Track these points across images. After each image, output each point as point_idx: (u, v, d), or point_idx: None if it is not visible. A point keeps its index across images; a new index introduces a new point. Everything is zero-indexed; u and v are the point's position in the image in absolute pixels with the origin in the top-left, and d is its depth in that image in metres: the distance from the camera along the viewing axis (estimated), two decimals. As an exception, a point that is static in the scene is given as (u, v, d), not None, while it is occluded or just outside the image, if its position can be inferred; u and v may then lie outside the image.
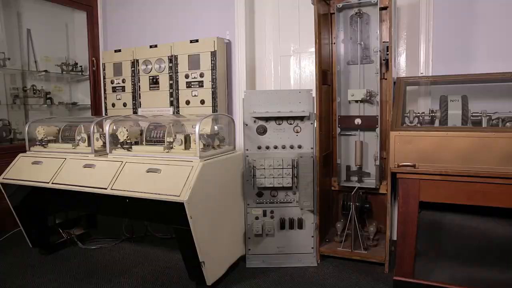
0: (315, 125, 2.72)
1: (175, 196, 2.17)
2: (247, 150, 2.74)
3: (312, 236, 2.77)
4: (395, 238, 2.70)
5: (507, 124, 2.37)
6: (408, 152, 2.28)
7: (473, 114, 2.48)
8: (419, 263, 2.44)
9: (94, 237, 3.40)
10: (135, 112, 3.90)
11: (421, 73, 3.02)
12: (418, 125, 2.57)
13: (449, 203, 2.29)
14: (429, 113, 2.59)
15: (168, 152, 2.55)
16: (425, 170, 2.24)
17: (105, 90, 4.09)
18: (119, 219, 3.61)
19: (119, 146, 2.71)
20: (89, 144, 2.83)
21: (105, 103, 4.11)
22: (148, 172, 2.40)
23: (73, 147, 2.91)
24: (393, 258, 2.68)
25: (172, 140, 2.59)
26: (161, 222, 2.67)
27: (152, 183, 2.33)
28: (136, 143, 2.76)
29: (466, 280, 2.32)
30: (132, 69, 3.88)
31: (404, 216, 2.33)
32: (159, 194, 2.24)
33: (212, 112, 3.48)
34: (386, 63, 2.83)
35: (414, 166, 2.26)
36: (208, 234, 2.35)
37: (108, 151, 2.70)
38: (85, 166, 2.66)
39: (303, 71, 3.60)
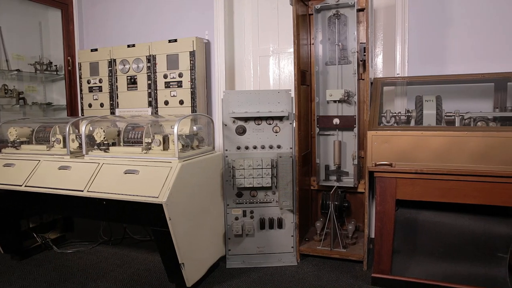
0: (294, 125, 2.74)
1: (154, 197, 2.15)
2: (226, 150, 2.73)
3: (292, 236, 2.78)
4: (373, 236, 2.75)
5: (478, 123, 2.44)
6: (385, 151, 2.32)
7: (447, 114, 2.54)
8: (396, 259, 2.50)
9: (70, 241, 3.32)
10: (112, 113, 3.84)
11: (397, 74, 3.09)
12: (395, 124, 2.62)
13: (424, 201, 2.35)
14: (405, 113, 2.64)
15: (146, 153, 2.52)
16: (401, 169, 2.29)
17: (81, 90, 4.01)
18: (96, 221, 3.54)
19: (95, 147, 2.66)
20: (65, 145, 2.76)
21: (82, 103, 4.02)
22: (125, 173, 2.36)
23: (48, 149, 2.83)
24: (371, 256, 2.73)
25: (150, 141, 2.55)
26: (139, 224, 2.64)
27: (130, 184, 2.29)
28: (114, 144, 2.71)
29: (442, 275, 2.39)
30: (109, 68, 3.81)
31: (381, 214, 2.38)
32: (137, 195, 2.21)
33: (191, 112, 3.46)
34: (363, 64, 2.88)
35: (390, 165, 2.31)
36: (188, 235, 2.34)
37: (84, 152, 2.64)
38: (61, 168, 2.59)
39: (282, 71, 3.62)
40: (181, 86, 3.52)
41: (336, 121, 2.86)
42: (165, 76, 3.57)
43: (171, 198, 2.14)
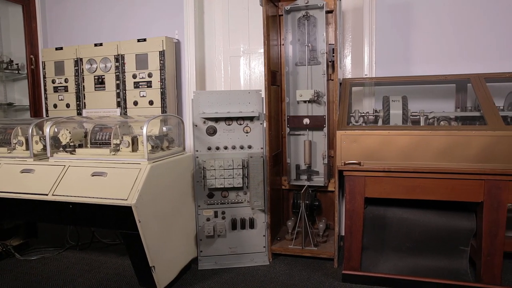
0: (265, 125, 2.75)
1: (123, 200, 2.11)
2: (197, 151, 2.71)
3: (264, 235, 2.80)
4: (343, 233, 2.80)
5: (442, 123, 2.54)
6: (354, 150, 2.37)
7: (412, 114, 2.63)
8: (366, 256, 2.56)
9: (34, 247, 3.18)
10: (79, 114, 3.73)
11: (366, 75, 3.16)
12: (363, 124, 2.69)
13: (392, 198, 2.42)
14: (373, 113, 2.71)
15: (114, 154, 2.46)
16: (369, 168, 2.35)
17: (45, 90, 3.86)
18: (62, 226, 3.43)
19: (61, 149, 2.57)
20: (27, 147, 2.66)
21: (46, 104, 3.88)
22: (93, 176, 2.30)
23: (9, 151, 2.71)
24: (342, 253, 2.78)
25: (118, 142, 2.50)
26: (108, 227, 2.56)
27: (97, 187, 2.24)
28: (80, 146, 2.64)
29: (408, 269, 2.47)
30: (76, 68, 3.70)
31: (351, 212, 2.43)
32: (105, 198, 2.16)
33: (161, 113, 3.41)
34: (332, 65, 2.93)
35: (359, 163, 2.36)
36: (158, 238, 2.30)
37: (49, 154, 2.55)
38: (23, 171, 2.49)
39: (253, 71, 3.63)
40: (150, 86, 3.47)
41: (306, 121, 2.90)
42: (134, 76, 3.50)
43: (141, 200, 2.11)
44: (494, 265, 2.24)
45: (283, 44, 3.07)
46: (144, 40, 3.46)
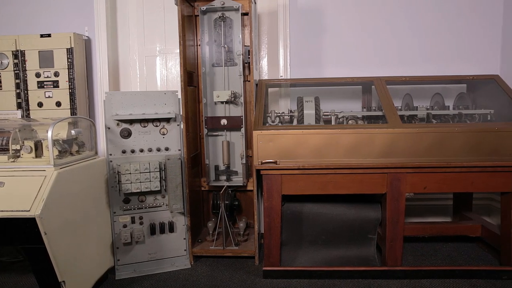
0: (182, 127, 2.71)
1: (25, 211, 1.92)
2: (110, 155, 2.57)
3: (184, 238, 2.75)
4: (263, 231, 2.87)
5: (350, 122, 2.73)
6: (270, 149, 2.45)
7: (324, 113, 2.79)
8: (285, 251, 2.65)
9: None
10: (-30, 117, 3.31)
11: (281, 76, 3.28)
12: (279, 124, 2.78)
13: (307, 194, 2.54)
14: (288, 113, 2.82)
15: (14, 161, 2.24)
16: (285, 166, 2.44)
17: None
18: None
19: None
20: None
21: None
22: (-13, 186, 2.06)
23: None
24: (262, 250, 2.84)
25: (19, 148, 2.28)
26: (8, 243, 2.32)
27: (-7, 198, 2.01)
28: (-29, 153, 2.34)
29: (324, 260, 2.62)
30: (-37, 64, 3.28)
31: (269, 210, 2.50)
32: (3, 211, 1.94)
33: (71, 115, 3.17)
34: (248, 66, 2.98)
35: (275, 162, 2.44)
36: (68, 250, 2.14)
37: None
38: None
39: (170, 72, 3.55)
40: (57, 87, 3.20)
41: (224, 121, 2.91)
42: (38, 75, 3.21)
43: (46, 210, 1.94)
44: (396, 249, 2.48)
45: (199, 45, 3.05)
46: (49, 35, 3.19)
